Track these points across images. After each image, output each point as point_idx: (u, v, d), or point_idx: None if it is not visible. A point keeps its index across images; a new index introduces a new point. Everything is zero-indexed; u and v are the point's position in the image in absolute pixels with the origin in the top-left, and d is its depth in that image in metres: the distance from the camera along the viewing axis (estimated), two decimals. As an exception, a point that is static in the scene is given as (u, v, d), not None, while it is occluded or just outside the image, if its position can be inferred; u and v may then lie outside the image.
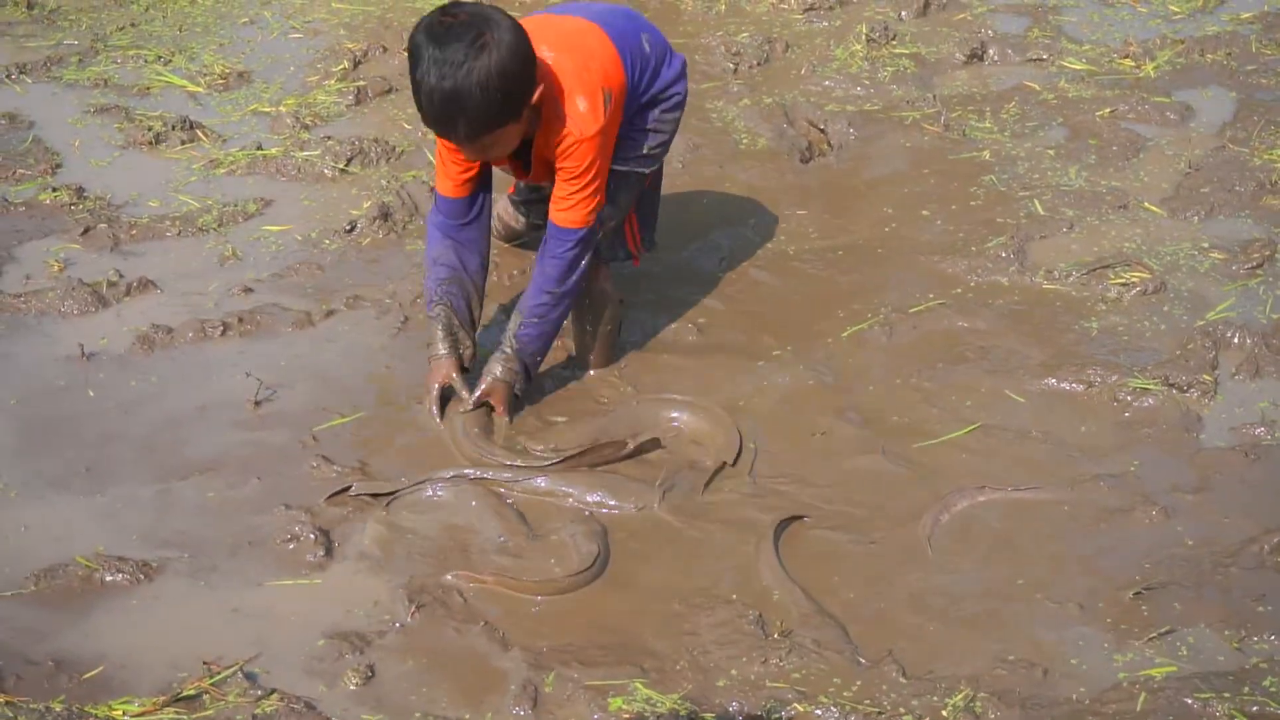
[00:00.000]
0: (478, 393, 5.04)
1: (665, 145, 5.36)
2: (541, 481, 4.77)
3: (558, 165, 4.89)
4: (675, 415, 5.08)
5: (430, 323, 5.16)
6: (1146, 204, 6.29)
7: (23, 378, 5.28)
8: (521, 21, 4.73)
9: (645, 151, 5.25)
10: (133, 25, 8.19)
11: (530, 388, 5.17)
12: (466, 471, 4.78)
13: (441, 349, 5.12)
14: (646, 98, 5.17)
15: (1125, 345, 5.39)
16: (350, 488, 4.70)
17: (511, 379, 5.08)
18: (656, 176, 5.67)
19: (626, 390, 5.23)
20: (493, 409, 5.08)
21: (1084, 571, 4.35)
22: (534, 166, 5.05)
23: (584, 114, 4.79)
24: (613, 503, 4.69)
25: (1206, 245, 6.00)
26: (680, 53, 5.47)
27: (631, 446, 4.86)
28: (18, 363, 5.36)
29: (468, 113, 4.52)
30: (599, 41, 4.96)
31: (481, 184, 5.09)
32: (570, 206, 4.93)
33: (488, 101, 4.50)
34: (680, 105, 5.35)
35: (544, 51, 4.75)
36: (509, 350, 5.08)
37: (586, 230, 4.97)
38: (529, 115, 4.71)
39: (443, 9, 4.58)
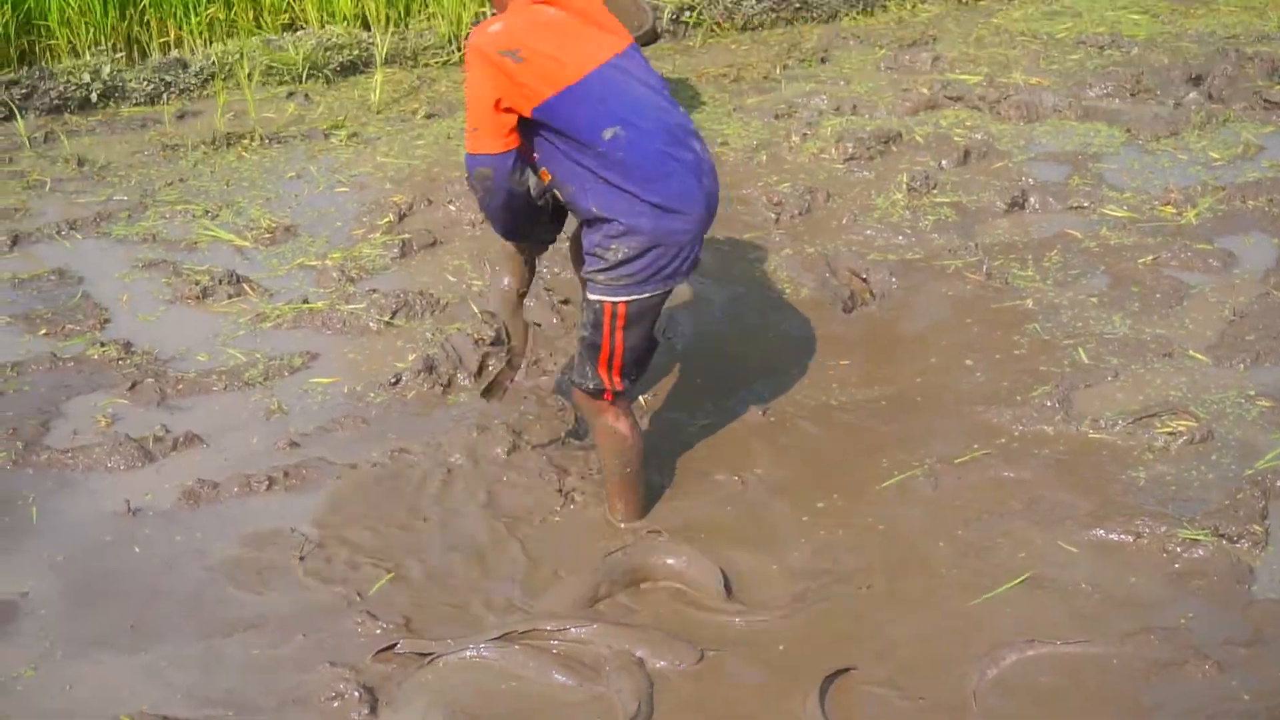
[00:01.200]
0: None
1: (632, 278, 4.95)
2: (585, 631, 4.75)
3: None
4: (670, 561, 5.07)
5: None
6: (1191, 352, 6.28)
7: (69, 534, 5.30)
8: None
9: (606, 276, 4.96)
10: (181, 181, 8.30)
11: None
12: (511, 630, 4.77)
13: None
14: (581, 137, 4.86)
15: (1174, 495, 5.35)
16: (397, 645, 4.68)
17: None
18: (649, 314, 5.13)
19: (662, 539, 5.21)
20: None
21: (1137, 728, 4.30)
22: None
23: (482, 25, 4.88)
24: (658, 660, 4.65)
25: (1253, 393, 5.97)
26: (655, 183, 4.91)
27: None
28: (64, 519, 5.39)
29: None
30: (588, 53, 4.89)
31: None
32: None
33: None
34: (628, 235, 4.90)
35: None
36: None
37: (469, 158, 5.04)
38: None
39: None
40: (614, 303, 5.01)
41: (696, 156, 4.99)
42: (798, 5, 11.05)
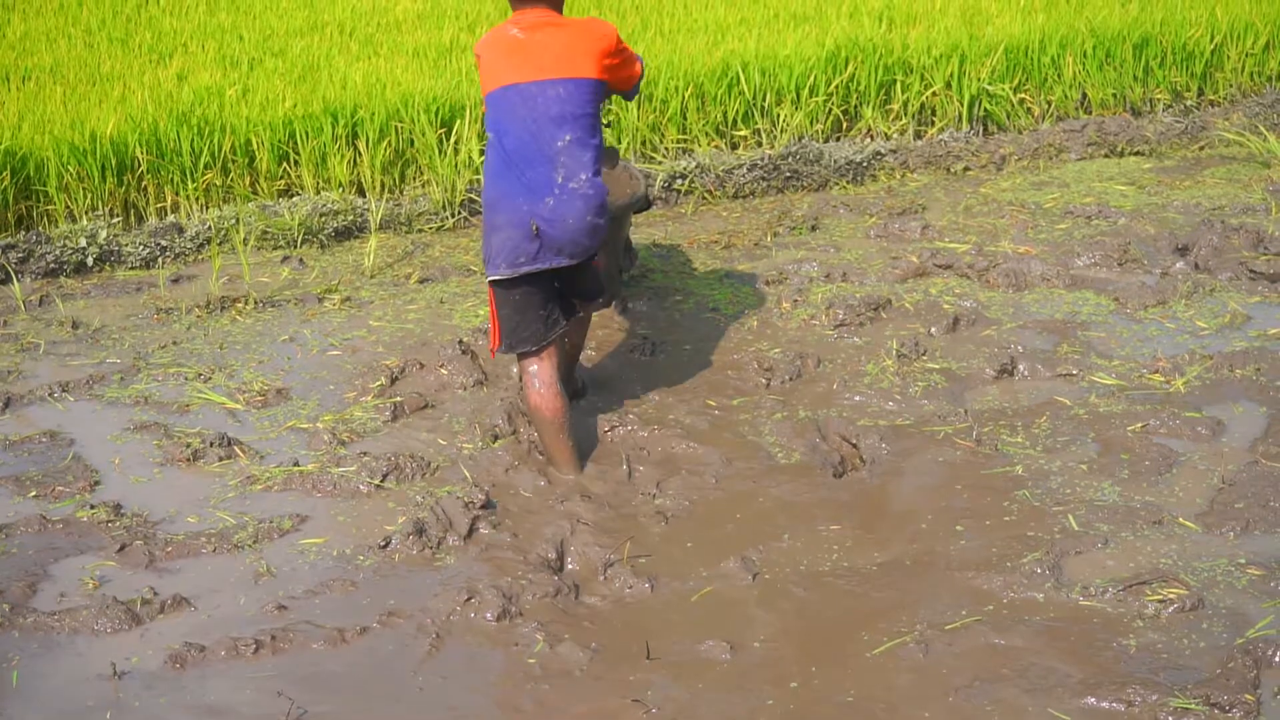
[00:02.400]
0: None
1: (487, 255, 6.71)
2: None
3: None
4: None
5: None
6: (1181, 519, 6.28)
7: (53, 698, 5.27)
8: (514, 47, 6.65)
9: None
10: (174, 344, 8.34)
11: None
12: None
13: None
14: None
15: (1165, 664, 5.32)
16: None
17: None
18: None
19: (651, 711, 5.18)
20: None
21: None
22: None
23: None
24: None
25: (1243, 561, 5.97)
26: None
27: None
28: (49, 682, 5.35)
29: None
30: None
31: None
32: None
33: None
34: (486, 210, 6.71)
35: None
36: None
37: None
38: None
39: None
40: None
41: (543, 179, 6.52)
42: (788, 174, 11.18)
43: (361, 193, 10.68)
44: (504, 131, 6.57)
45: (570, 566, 6.08)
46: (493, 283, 6.70)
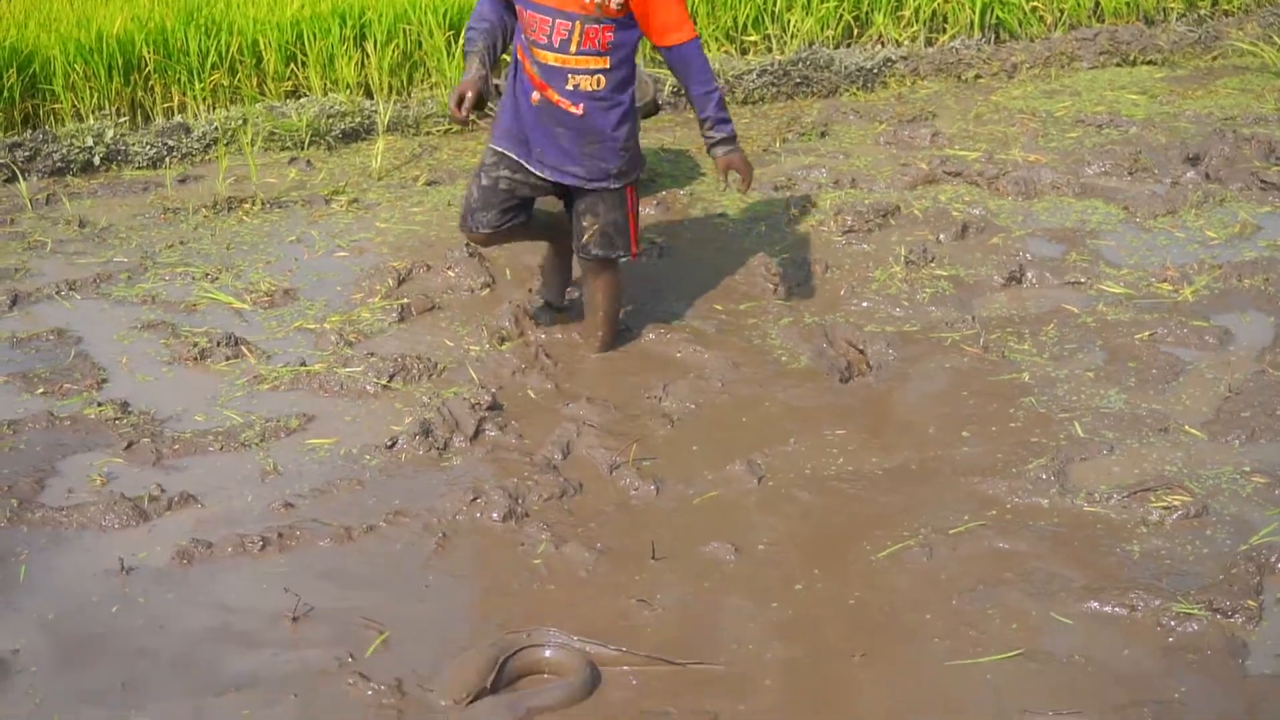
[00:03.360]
0: (723, 171, 6.69)
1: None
2: None
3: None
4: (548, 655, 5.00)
5: (469, 55, 6.50)
6: (1187, 427, 6.28)
7: (61, 592, 5.29)
8: None
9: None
10: (181, 243, 8.33)
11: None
12: None
13: (476, 68, 6.46)
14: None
15: (1168, 569, 5.34)
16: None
17: (736, 146, 6.67)
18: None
19: (660, 614, 5.20)
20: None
21: (1130, 801, 4.28)
22: None
23: None
24: None
25: (1248, 469, 5.97)
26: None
27: None
28: (57, 577, 5.38)
29: None
30: None
31: None
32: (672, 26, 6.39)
33: None
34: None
35: None
36: (723, 131, 6.62)
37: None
38: None
39: None
40: None
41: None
42: (798, 80, 11.12)
43: (369, 95, 10.63)
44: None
45: (576, 469, 6.09)
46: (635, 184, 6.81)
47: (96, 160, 9.48)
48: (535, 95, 6.44)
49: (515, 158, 6.62)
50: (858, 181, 9.15)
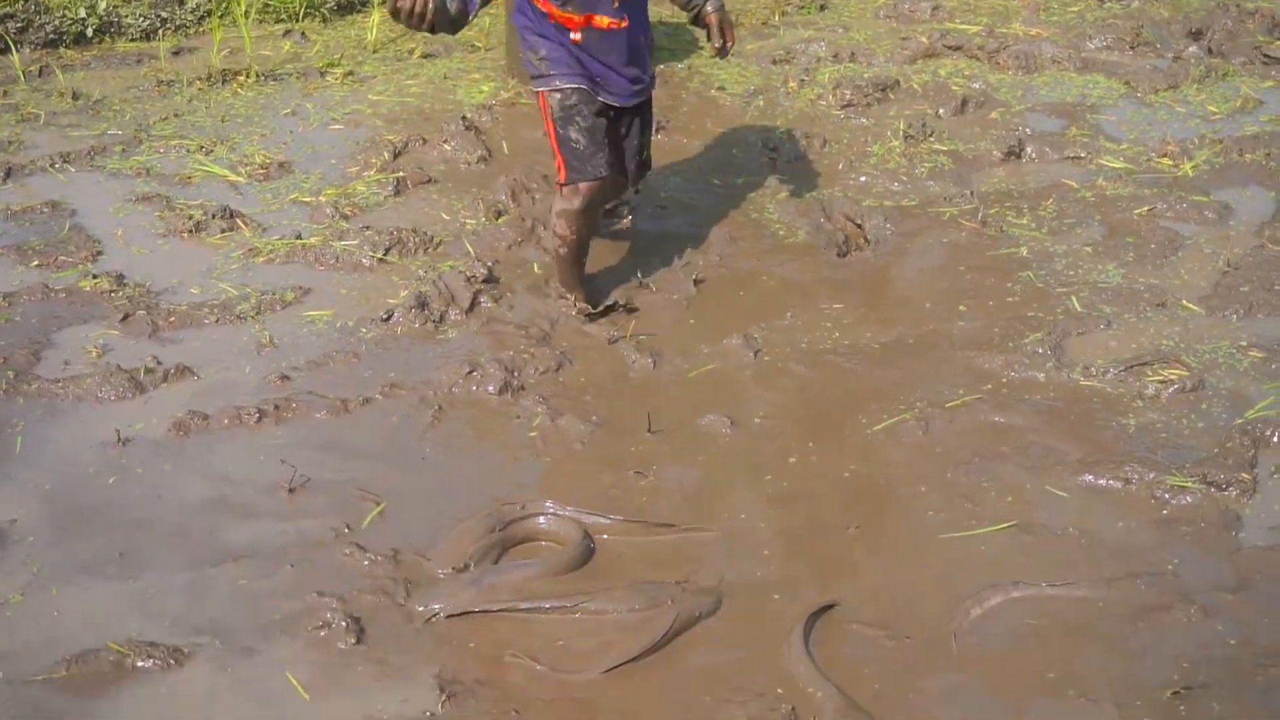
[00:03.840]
0: (716, 30, 6.12)
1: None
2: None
3: None
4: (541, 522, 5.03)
5: None
6: (1185, 302, 6.27)
7: (59, 463, 5.30)
8: None
9: None
10: (176, 116, 8.27)
11: None
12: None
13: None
14: None
15: (1163, 443, 5.35)
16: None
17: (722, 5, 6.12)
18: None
19: (657, 483, 5.22)
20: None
21: (1120, 670, 4.30)
22: None
23: None
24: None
25: (1245, 343, 5.97)
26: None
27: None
28: (54, 448, 5.38)
29: None
30: None
31: None
32: None
33: None
34: None
35: None
36: None
37: None
38: None
39: None
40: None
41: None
42: (798, -48, 11.01)
43: (363, -34, 10.52)
44: None
45: (572, 342, 6.08)
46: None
47: (89, 32, 9.39)
48: (575, 34, 5.87)
49: (590, 90, 5.97)
50: (857, 55, 9.08)
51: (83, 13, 9.35)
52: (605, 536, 4.94)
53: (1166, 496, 5.04)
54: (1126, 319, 6.17)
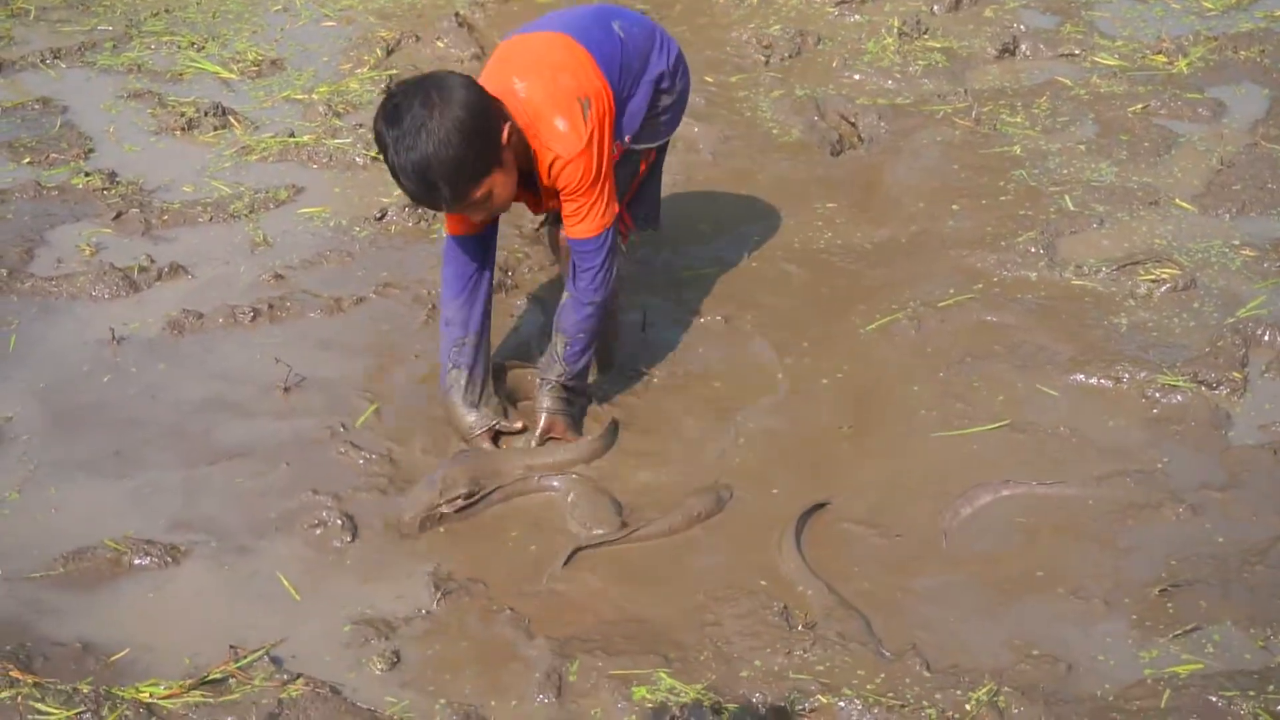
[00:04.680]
0: (537, 433, 4.95)
1: (664, 130, 5.21)
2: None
3: (558, 187, 4.69)
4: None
5: (448, 392, 4.94)
6: (1178, 200, 6.27)
7: (53, 361, 5.31)
8: (496, 49, 4.77)
9: (641, 135, 5.07)
10: (166, 12, 8.22)
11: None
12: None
13: (469, 417, 4.95)
14: (641, 84, 4.98)
15: (1154, 342, 5.37)
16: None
17: (564, 406, 4.99)
18: (658, 160, 5.42)
19: (652, 383, 5.24)
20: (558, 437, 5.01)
21: (1109, 567, 4.34)
22: (544, 198, 4.86)
23: (565, 133, 4.59)
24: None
25: (1238, 242, 5.98)
26: (675, 41, 5.22)
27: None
28: (48, 346, 5.39)
29: (444, 176, 4.29)
30: (567, 51, 4.74)
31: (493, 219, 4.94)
32: (582, 220, 4.73)
33: (457, 159, 4.28)
34: (673, 90, 5.13)
35: (514, 83, 4.59)
36: (557, 376, 4.95)
37: (605, 234, 4.78)
38: (511, 156, 4.51)
39: (388, 92, 4.42)
40: (637, 154, 5.15)
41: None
42: None
43: None
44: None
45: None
46: (634, 156, 5.20)
47: (78, -74, 9.31)
48: None
49: None
50: (852, -49, 9.01)
51: (71, -94, 9.26)
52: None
53: (1157, 395, 5.06)
54: (1119, 218, 6.17)
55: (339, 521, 4.50)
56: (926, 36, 7.86)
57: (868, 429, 4.99)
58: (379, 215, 6.18)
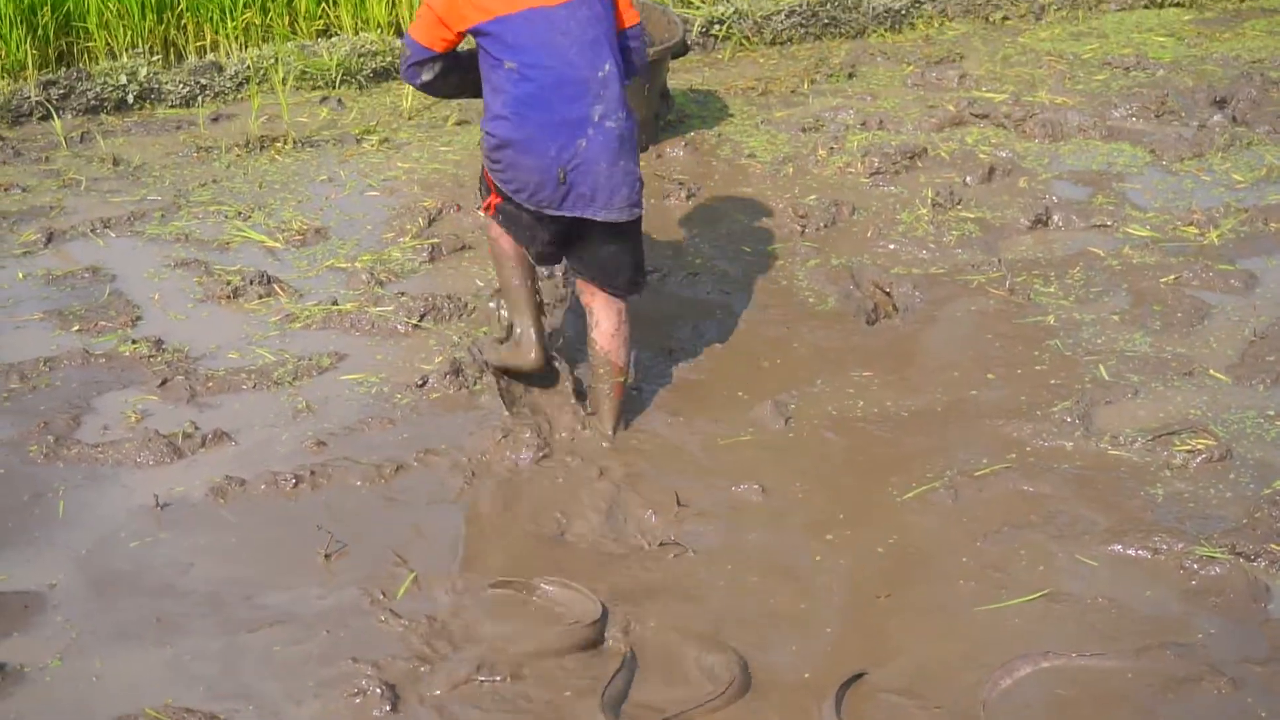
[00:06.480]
0: None
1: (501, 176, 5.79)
2: None
3: None
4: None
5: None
6: (1212, 371, 6.31)
7: (97, 527, 5.38)
8: None
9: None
10: (214, 182, 8.37)
11: None
12: None
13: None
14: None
15: (1191, 513, 5.38)
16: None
17: None
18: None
19: (689, 555, 5.28)
20: None
21: (1150, 741, 4.34)
22: None
23: None
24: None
25: (1273, 413, 6.00)
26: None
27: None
28: (93, 512, 5.46)
29: None
30: None
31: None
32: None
33: None
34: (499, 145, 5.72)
35: None
36: None
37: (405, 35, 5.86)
38: None
39: None
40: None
41: (580, 116, 5.59)
42: (826, 21, 11.08)
43: (400, 34, 10.62)
44: (530, 62, 5.54)
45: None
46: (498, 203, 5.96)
47: (130, 98, 9.50)
48: None
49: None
50: (885, 123, 9.14)
51: (124, 79, 9.46)
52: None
53: (1195, 566, 5.07)
54: (1154, 388, 6.21)
55: (378, 690, 4.52)
56: (960, 207, 7.95)
57: (906, 598, 5.01)
58: (420, 382, 6.25)
